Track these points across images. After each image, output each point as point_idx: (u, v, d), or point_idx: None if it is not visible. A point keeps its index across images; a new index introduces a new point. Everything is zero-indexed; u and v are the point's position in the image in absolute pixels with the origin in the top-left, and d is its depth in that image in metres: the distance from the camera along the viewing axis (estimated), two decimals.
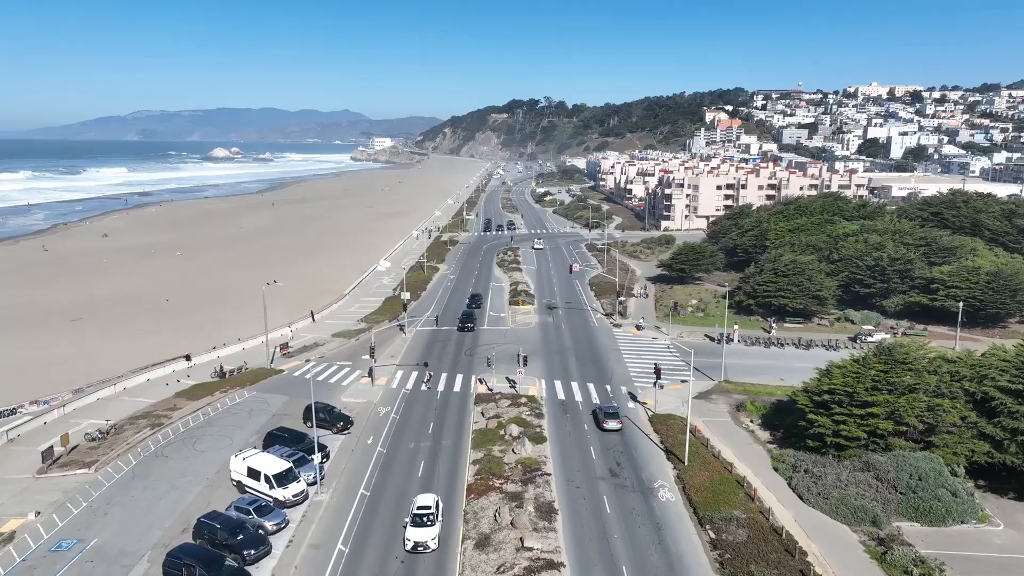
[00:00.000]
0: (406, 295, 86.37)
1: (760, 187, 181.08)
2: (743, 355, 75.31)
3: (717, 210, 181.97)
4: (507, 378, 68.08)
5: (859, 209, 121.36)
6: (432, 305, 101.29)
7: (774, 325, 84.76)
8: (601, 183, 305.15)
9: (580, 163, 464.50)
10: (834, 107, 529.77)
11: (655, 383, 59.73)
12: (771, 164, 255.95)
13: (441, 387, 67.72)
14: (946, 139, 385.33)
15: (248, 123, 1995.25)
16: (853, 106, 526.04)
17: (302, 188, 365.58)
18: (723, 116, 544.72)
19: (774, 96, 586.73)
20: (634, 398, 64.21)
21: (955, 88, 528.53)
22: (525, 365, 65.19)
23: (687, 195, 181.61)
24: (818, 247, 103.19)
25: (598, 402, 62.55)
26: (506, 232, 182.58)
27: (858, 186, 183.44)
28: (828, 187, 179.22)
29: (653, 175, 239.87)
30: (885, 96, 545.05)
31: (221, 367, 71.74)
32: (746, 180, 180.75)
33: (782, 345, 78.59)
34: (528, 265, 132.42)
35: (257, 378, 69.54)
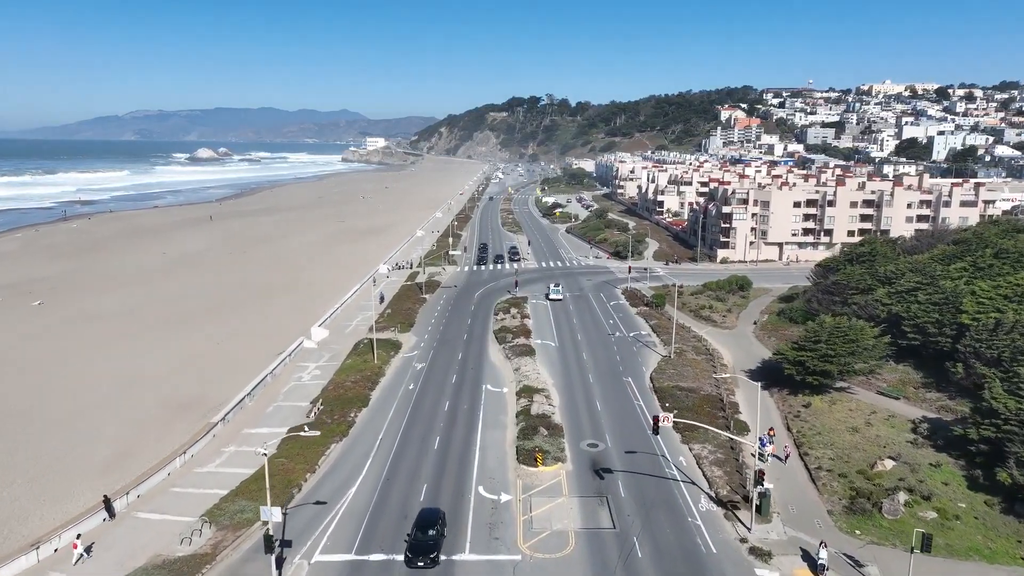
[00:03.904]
0: (273, 512, 36.87)
1: (853, 204, 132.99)
2: None
3: (794, 235, 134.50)
4: None
5: None
6: (361, 475, 50.55)
7: None
8: (619, 191, 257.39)
9: (587, 165, 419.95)
10: (856, 105, 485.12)
11: None
12: (849, 172, 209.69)
13: None
14: (991, 139, 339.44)
15: (246, 123, 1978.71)
16: (876, 104, 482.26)
17: (272, 195, 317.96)
18: (740, 115, 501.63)
19: (784, 94, 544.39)
20: None
21: (972, 85, 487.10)
22: None
23: (753, 215, 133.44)
24: None
25: None
26: (507, 265, 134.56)
27: (985, 202, 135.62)
28: (947, 203, 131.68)
29: (691, 184, 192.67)
30: (906, 94, 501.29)
31: None
32: (835, 195, 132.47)
33: None
34: (544, 339, 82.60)
35: None
